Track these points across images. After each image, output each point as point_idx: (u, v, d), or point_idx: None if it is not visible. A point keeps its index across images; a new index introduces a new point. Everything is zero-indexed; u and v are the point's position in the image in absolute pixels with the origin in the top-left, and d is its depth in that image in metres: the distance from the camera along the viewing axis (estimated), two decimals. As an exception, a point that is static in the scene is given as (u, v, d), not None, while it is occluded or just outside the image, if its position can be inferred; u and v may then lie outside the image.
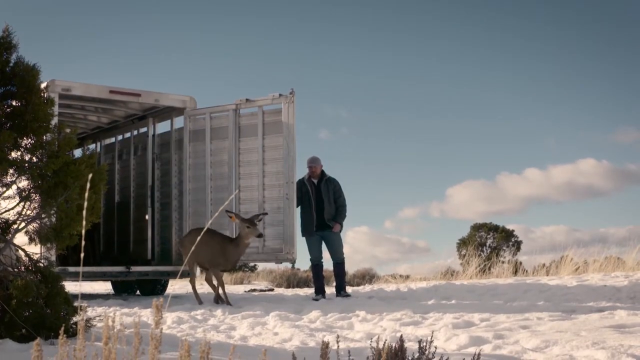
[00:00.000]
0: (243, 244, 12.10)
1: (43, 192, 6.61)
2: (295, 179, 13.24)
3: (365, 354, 4.92)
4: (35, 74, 6.73)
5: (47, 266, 6.75)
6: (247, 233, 11.92)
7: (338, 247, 13.41)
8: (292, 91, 13.20)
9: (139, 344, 2.81)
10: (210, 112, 14.38)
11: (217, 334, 8.03)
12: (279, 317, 9.48)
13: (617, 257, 17.12)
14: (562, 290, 11.90)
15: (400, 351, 4.26)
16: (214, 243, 12.40)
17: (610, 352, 5.72)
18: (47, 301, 6.38)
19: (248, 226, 11.88)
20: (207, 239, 12.30)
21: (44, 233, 6.73)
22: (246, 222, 11.93)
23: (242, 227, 11.99)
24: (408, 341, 6.23)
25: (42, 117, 6.63)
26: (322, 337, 7.21)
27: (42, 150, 6.65)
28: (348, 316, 9.54)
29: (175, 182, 15.20)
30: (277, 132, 13.38)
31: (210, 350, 2.68)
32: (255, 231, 11.87)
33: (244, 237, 11.99)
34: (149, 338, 2.82)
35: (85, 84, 13.92)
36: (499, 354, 6.08)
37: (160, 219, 15.79)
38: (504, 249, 38.30)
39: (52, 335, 6.17)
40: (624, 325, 7.62)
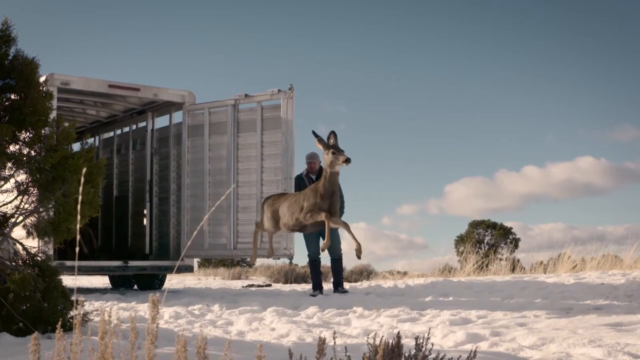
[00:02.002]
0: (329, 172, 11.13)
1: (41, 185, 6.60)
2: (293, 175, 13.23)
3: (362, 350, 4.92)
4: (34, 67, 6.72)
5: (45, 260, 6.74)
6: (332, 161, 11.03)
7: (336, 243, 13.39)
8: (291, 87, 13.21)
9: (135, 339, 2.81)
10: (209, 107, 14.38)
11: (214, 329, 8.03)
12: (276, 312, 9.48)
13: (614, 255, 17.14)
14: (560, 288, 11.90)
15: (397, 348, 4.26)
16: (298, 193, 11.83)
17: (607, 350, 5.73)
18: (45, 295, 6.37)
19: (333, 152, 10.97)
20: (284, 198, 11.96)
21: (42, 227, 6.73)
22: (332, 149, 11.03)
23: (326, 155, 11.07)
24: (405, 338, 6.25)
25: (40, 110, 6.62)
26: (319, 333, 7.21)
27: (41, 144, 6.64)
28: (345, 312, 9.54)
29: (173, 177, 15.21)
30: (275, 128, 13.37)
31: (206, 346, 2.68)
32: (342, 156, 10.87)
33: (330, 167, 11.08)
34: (145, 333, 2.82)
35: (84, 78, 13.91)
36: (495, 351, 6.08)
37: (158, 213, 15.80)
38: (501, 246, 38.35)
39: (49, 329, 6.17)
40: (620, 323, 7.63)
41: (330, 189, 11.19)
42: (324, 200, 11.17)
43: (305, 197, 11.46)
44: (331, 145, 11.04)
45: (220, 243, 13.99)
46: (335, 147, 10.97)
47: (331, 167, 11.02)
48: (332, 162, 10.96)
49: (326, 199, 11.19)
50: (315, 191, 11.30)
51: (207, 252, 14.54)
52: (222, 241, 13.97)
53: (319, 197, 11.21)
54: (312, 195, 11.32)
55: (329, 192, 11.19)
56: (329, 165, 11.05)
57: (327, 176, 11.14)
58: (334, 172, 11.10)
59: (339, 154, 10.85)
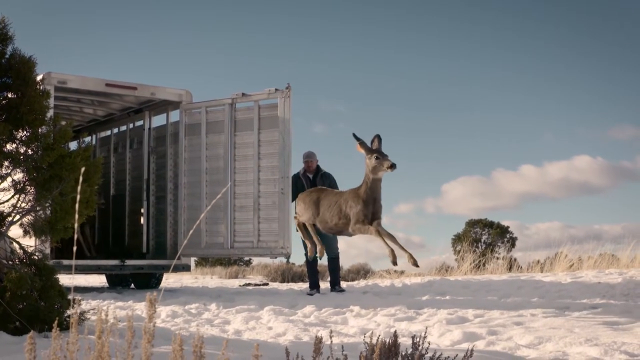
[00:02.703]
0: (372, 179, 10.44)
1: (38, 184, 6.60)
2: (290, 174, 13.23)
3: (359, 349, 4.93)
4: (31, 66, 6.71)
5: (42, 259, 6.74)
6: (375, 166, 10.32)
7: (333, 242, 13.39)
8: (288, 86, 13.19)
9: (131, 338, 2.81)
10: (206, 106, 14.37)
11: (211, 328, 8.03)
12: (273, 311, 9.49)
13: (611, 254, 17.16)
14: (556, 286, 11.91)
15: (394, 347, 4.27)
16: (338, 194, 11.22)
17: (604, 348, 5.74)
18: (41, 294, 6.37)
19: (377, 157, 10.25)
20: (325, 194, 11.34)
21: (39, 226, 6.72)
22: (375, 153, 10.32)
23: (369, 160, 10.36)
24: (402, 337, 6.25)
25: (37, 109, 6.62)
26: (316, 332, 7.22)
27: (38, 143, 6.64)
28: (342, 311, 9.54)
29: (170, 176, 15.21)
30: (273, 127, 13.36)
31: (203, 345, 2.68)
32: (387, 162, 10.14)
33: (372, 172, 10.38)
34: (142, 332, 2.82)
35: (81, 77, 13.90)
36: (492, 350, 6.09)
37: (155, 212, 15.79)
38: (498, 245, 38.39)
39: (46, 328, 6.17)
40: (617, 322, 7.64)
41: (371, 195, 10.53)
42: (367, 206, 10.51)
43: (347, 202, 10.82)
44: (374, 149, 10.35)
45: (217, 242, 13.98)
46: (379, 152, 10.28)
47: (374, 172, 10.32)
48: (375, 167, 10.25)
49: (369, 206, 10.53)
50: (356, 197, 10.64)
51: (204, 251, 14.54)
52: (219, 240, 13.96)
53: (361, 204, 10.54)
54: (354, 201, 10.65)
55: (370, 199, 10.53)
56: (372, 171, 10.34)
57: (369, 182, 10.46)
58: (376, 178, 10.41)
59: (383, 159, 10.15)
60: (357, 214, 10.55)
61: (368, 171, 10.41)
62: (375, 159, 10.20)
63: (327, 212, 11.13)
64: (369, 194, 10.50)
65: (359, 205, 10.55)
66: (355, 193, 10.69)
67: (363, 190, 10.55)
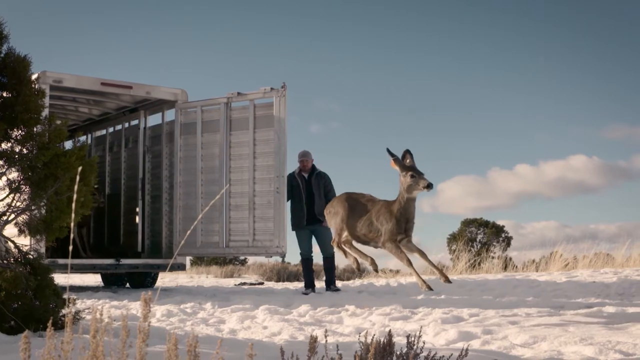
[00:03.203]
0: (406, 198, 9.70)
1: (33, 183, 6.59)
2: (286, 173, 13.23)
3: (354, 349, 4.93)
4: (26, 65, 6.71)
5: (37, 258, 6.74)
6: (410, 185, 9.58)
7: (328, 241, 13.39)
8: (283, 85, 13.19)
9: (126, 337, 2.81)
10: (202, 105, 14.36)
11: (206, 327, 8.03)
12: (268, 310, 9.49)
13: (606, 253, 17.20)
14: (552, 286, 11.93)
15: (389, 346, 4.27)
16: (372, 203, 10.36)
17: (598, 348, 5.75)
18: (36, 293, 6.37)
19: (412, 175, 9.52)
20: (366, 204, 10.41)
21: (34, 225, 6.72)
22: (410, 171, 9.58)
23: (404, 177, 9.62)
24: (397, 336, 6.25)
25: (32, 108, 6.61)
26: (311, 331, 7.22)
27: (33, 142, 6.63)
28: (337, 310, 9.55)
29: (166, 175, 15.20)
30: (268, 126, 13.36)
31: (197, 344, 2.68)
32: (423, 181, 9.45)
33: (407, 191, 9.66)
34: (137, 331, 2.82)
35: (76, 76, 13.89)
36: (487, 349, 6.09)
37: (150, 211, 15.78)
38: (494, 245, 38.37)
39: (41, 327, 6.16)
40: (612, 321, 7.65)
41: (404, 215, 9.85)
42: (398, 225, 9.86)
43: (378, 216, 10.10)
44: (408, 166, 9.65)
45: (213, 241, 13.98)
46: (414, 169, 9.57)
47: (408, 191, 9.61)
48: (410, 186, 9.55)
49: (400, 224, 9.86)
50: (389, 213, 9.94)
51: (199, 250, 14.54)
52: (214, 239, 13.95)
53: (393, 222, 9.87)
54: (386, 217, 9.97)
55: (403, 218, 9.85)
56: (406, 190, 9.63)
57: (403, 202, 9.76)
58: (411, 197, 9.71)
59: (419, 178, 9.44)
60: (388, 231, 9.92)
61: (402, 189, 9.72)
62: (411, 177, 9.51)
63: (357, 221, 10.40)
64: (402, 213, 9.86)
65: (390, 222, 9.94)
66: (388, 209, 10.01)
67: (396, 209, 9.89)
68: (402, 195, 9.74)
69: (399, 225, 9.83)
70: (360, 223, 10.33)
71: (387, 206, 10.07)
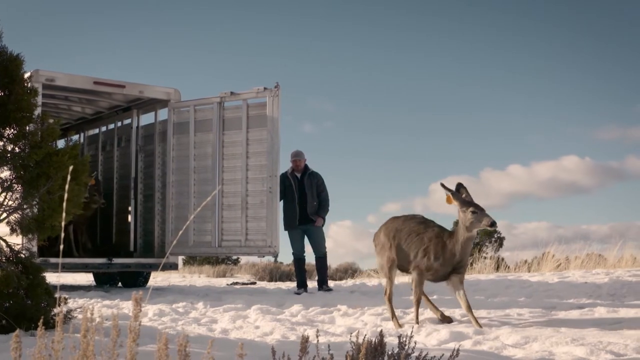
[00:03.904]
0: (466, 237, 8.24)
1: (25, 182, 6.58)
2: (278, 173, 13.23)
3: (346, 349, 4.94)
4: (18, 63, 6.70)
5: (29, 257, 6.73)
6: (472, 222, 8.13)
7: (320, 241, 13.43)
8: (277, 85, 13.19)
9: (117, 337, 2.81)
10: (195, 104, 14.36)
11: (198, 327, 8.03)
12: (260, 310, 9.49)
13: (598, 254, 17.22)
14: (544, 286, 11.94)
15: (380, 346, 4.28)
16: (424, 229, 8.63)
17: (590, 348, 5.76)
18: (28, 292, 6.36)
19: (474, 211, 8.12)
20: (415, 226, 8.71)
21: (26, 224, 6.71)
22: (471, 206, 8.18)
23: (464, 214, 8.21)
24: (389, 336, 6.26)
25: (25, 107, 6.61)
26: (303, 331, 7.22)
27: (25, 141, 6.62)
28: (329, 310, 9.55)
29: (158, 174, 15.19)
30: (261, 126, 13.36)
31: (188, 343, 2.68)
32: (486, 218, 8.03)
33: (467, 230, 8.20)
34: (127, 330, 2.82)
35: (69, 75, 13.87)
36: (479, 349, 6.10)
37: (143, 210, 15.77)
38: (486, 245, 38.40)
39: (32, 326, 6.15)
40: (603, 322, 7.67)
41: (461, 254, 8.33)
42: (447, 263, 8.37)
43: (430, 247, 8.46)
44: (469, 201, 8.32)
45: (205, 241, 13.97)
46: (476, 205, 8.27)
47: (469, 229, 8.20)
48: (472, 223, 8.15)
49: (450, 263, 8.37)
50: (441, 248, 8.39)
51: (191, 250, 14.53)
52: (206, 239, 13.95)
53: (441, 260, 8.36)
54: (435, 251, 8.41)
55: (456, 258, 8.35)
56: (467, 227, 8.20)
57: (462, 241, 8.26)
58: (470, 236, 8.29)
59: (482, 215, 8.10)
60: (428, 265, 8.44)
61: (462, 226, 8.28)
62: (472, 214, 8.15)
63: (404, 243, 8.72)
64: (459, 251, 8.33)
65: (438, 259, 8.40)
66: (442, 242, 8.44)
67: (451, 246, 8.35)
68: (460, 233, 8.30)
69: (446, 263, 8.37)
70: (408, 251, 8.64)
71: (440, 237, 8.49)
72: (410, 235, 8.57)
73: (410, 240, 8.58)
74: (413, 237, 8.56)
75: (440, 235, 8.46)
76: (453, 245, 8.30)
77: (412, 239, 8.56)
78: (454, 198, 8.36)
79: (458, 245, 8.27)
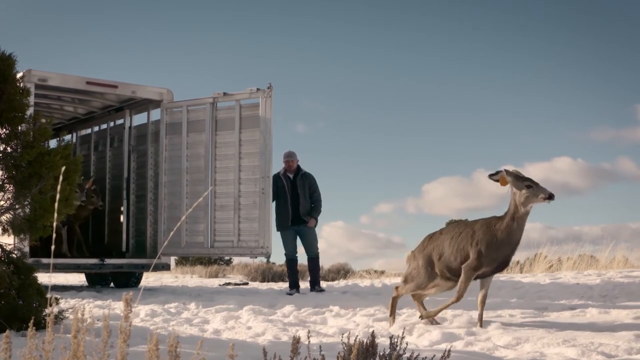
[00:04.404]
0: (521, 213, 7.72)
1: (17, 182, 6.57)
2: (271, 174, 13.23)
3: (337, 349, 4.94)
4: (11, 63, 6.69)
5: (20, 257, 6.72)
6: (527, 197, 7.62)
7: (313, 241, 13.43)
8: (269, 86, 13.19)
9: (107, 337, 2.81)
10: (188, 105, 14.35)
11: (190, 328, 8.03)
12: (252, 311, 9.49)
13: (590, 255, 17.23)
14: (536, 287, 11.95)
15: (372, 347, 4.28)
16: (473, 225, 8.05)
17: (581, 349, 5.78)
18: (20, 292, 6.35)
19: (529, 185, 7.63)
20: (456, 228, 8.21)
21: (18, 224, 6.70)
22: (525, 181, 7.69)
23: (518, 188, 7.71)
24: (380, 337, 6.26)
25: (17, 107, 6.60)
26: (295, 332, 7.22)
27: (17, 141, 6.62)
28: (322, 311, 9.55)
29: (151, 175, 15.18)
30: (254, 127, 13.36)
31: (178, 344, 2.68)
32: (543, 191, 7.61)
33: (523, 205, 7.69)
34: (118, 331, 2.82)
35: (62, 75, 13.86)
36: (470, 350, 6.11)
37: (135, 211, 15.76)
38: (479, 246, 38.41)
39: (24, 326, 6.14)
40: (595, 323, 7.68)
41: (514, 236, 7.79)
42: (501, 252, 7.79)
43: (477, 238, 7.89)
44: (522, 176, 7.83)
45: (198, 241, 13.97)
46: (530, 179, 7.78)
47: (524, 205, 7.71)
48: (527, 198, 7.66)
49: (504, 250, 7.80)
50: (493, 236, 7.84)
51: (184, 250, 14.52)
52: (199, 239, 13.94)
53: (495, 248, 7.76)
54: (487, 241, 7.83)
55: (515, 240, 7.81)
56: (522, 203, 7.71)
57: (519, 217, 7.77)
58: (526, 212, 7.77)
59: (537, 189, 7.64)
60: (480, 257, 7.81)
61: (517, 202, 7.77)
62: (527, 188, 7.66)
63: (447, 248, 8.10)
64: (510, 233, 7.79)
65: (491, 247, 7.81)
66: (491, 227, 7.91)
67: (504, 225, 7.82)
68: (516, 210, 7.77)
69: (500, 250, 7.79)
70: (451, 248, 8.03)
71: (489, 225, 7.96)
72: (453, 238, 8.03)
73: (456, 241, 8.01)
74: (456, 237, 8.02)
75: (488, 223, 7.95)
76: (506, 225, 7.78)
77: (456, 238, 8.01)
78: (507, 175, 7.86)
79: (513, 223, 7.75)
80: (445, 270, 8.01)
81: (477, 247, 7.78)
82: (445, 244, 8.03)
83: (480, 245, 7.78)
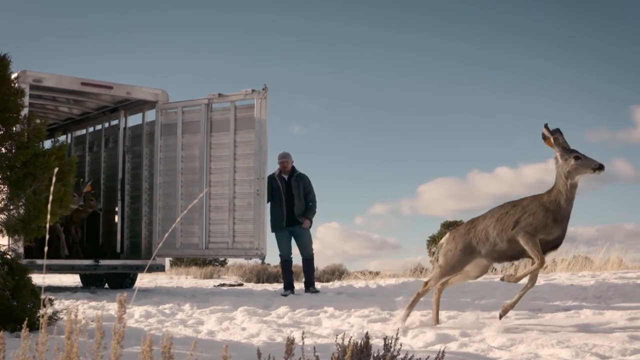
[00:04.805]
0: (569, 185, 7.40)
1: (11, 183, 6.57)
2: (266, 175, 13.24)
3: (332, 351, 4.94)
4: (5, 64, 6.69)
5: (14, 258, 6.71)
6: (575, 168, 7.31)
7: (307, 243, 13.44)
8: (264, 87, 13.19)
9: (101, 338, 2.81)
10: (183, 106, 14.35)
11: (184, 329, 8.02)
12: (247, 312, 9.49)
13: (585, 256, 17.24)
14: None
15: (366, 348, 4.29)
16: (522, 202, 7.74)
17: (575, 350, 5.78)
18: (14, 293, 6.35)
19: (577, 156, 7.31)
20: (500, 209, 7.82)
21: (12, 225, 6.69)
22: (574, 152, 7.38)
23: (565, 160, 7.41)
24: (375, 338, 6.26)
25: (11, 107, 6.59)
26: (289, 333, 7.22)
27: (12, 141, 6.61)
28: (316, 312, 9.56)
29: (145, 176, 15.17)
30: (249, 128, 13.36)
31: (171, 345, 2.68)
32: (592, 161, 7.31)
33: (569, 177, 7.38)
34: (112, 332, 2.82)
35: (56, 75, 13.85)
36: (465, 351, 6.12)
37: (130, 212, 15.76)
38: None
39: (18, 327, 6.14)
40: (589, 324, 7.70)
41: (567, 209, 7.48)
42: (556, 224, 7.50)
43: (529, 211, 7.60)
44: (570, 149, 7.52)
45: (192, 242, 13.97)
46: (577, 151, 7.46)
47: (571, 176, 7.39)
48: (575, 169, 7.35)
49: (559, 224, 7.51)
50: (545, 208, 7.53)
51: (178, 252, 14.52)
52: (194, 240, 13.95)
53: (550, 218, 7.47)
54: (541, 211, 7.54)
55: (565, 213, 7.50)
56: (570, 174, 7.40)
57: (566, 190, 7.44)
58: (574, 183, 7.43)
59: (586, 160, 7.34)
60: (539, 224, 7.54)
61: (563, 174, 7.47)
62: (575, 160, 7.34)
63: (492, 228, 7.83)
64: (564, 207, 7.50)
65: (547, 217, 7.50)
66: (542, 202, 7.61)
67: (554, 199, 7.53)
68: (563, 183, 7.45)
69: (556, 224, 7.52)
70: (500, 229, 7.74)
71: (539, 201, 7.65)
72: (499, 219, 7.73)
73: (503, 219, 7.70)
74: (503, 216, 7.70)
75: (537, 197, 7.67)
76: (555, 199, 7.47)
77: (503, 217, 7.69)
78: (556, 144, 7.56)
79: (562, 197, 7.43)
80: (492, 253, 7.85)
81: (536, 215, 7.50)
82: (489, 228, 7.78)
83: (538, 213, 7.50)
